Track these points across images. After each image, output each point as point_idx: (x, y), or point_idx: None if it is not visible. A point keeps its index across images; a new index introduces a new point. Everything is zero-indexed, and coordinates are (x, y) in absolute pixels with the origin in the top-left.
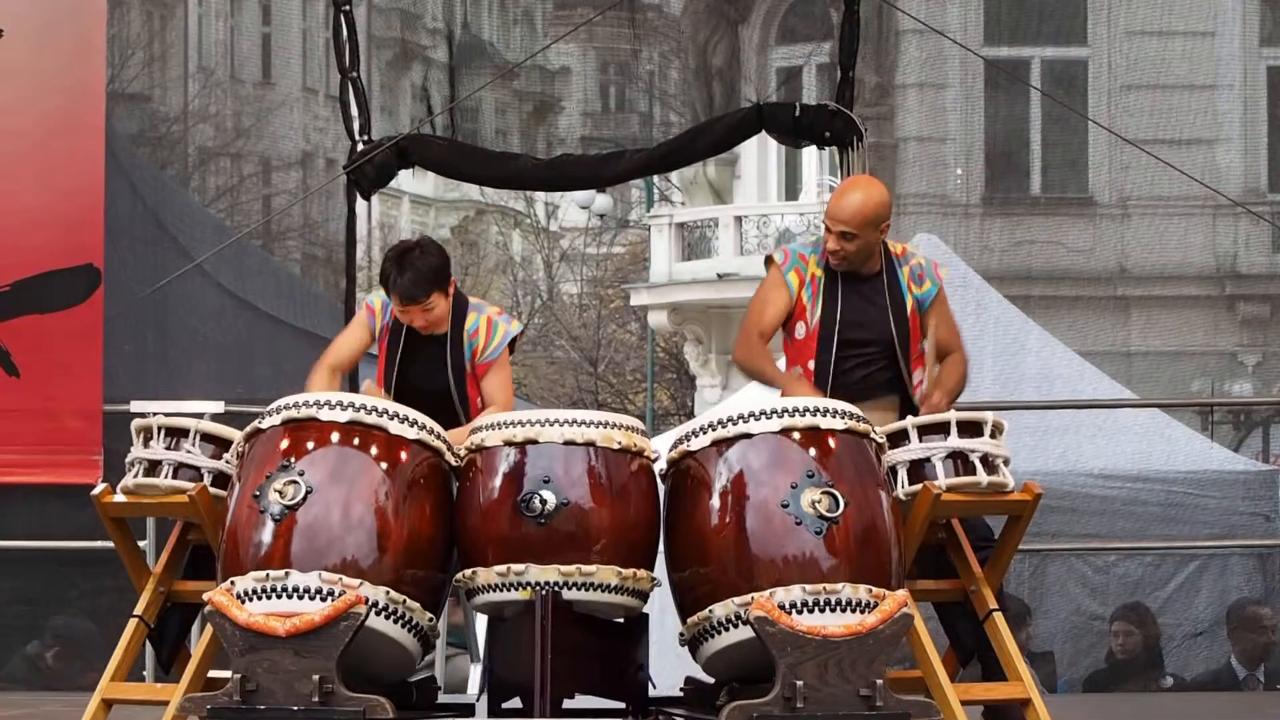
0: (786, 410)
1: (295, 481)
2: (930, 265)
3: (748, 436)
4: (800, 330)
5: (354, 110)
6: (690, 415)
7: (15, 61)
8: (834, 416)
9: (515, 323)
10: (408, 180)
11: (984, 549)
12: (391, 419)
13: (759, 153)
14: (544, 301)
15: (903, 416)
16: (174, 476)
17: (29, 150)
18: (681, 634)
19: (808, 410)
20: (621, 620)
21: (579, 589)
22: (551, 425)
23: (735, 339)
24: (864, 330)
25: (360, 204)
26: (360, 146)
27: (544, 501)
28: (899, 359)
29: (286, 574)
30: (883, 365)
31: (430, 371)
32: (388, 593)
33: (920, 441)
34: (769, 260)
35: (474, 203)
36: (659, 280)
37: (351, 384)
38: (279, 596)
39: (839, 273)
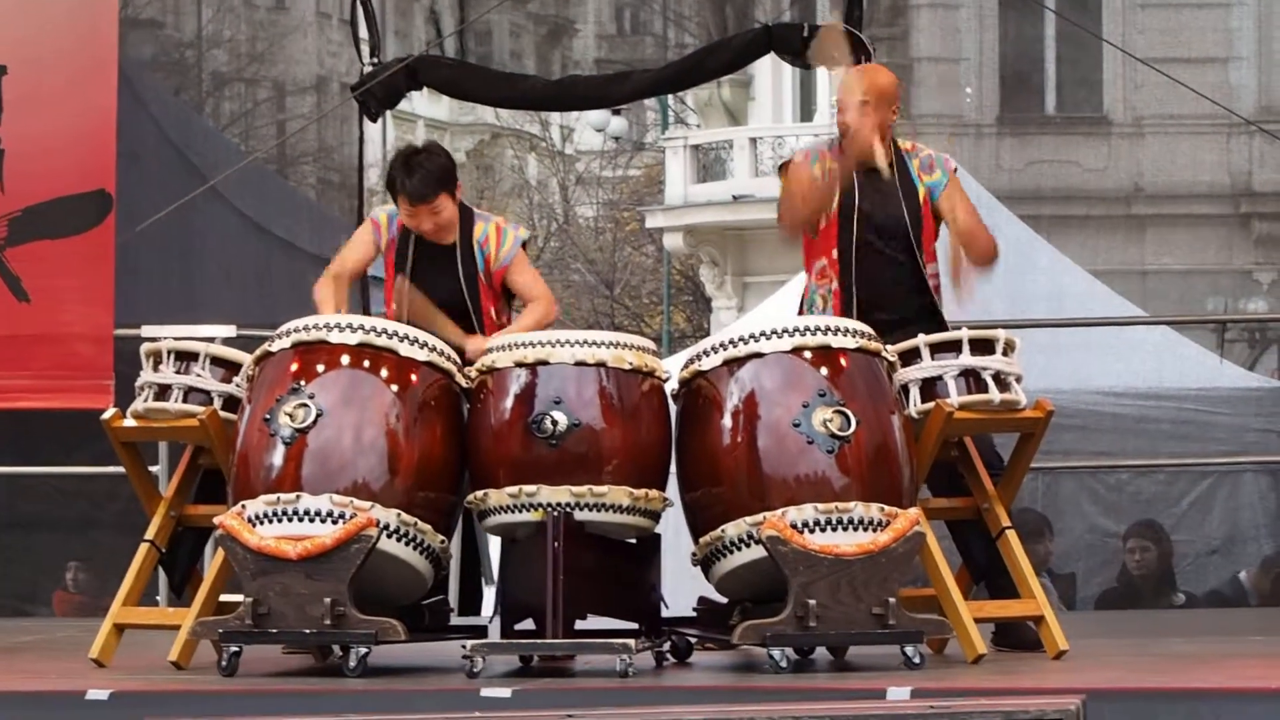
0: (798, 329)
1: (305, 405)
2: (941, 158)
3: (759, 356)
4: (821, 221)
5: (364, 33)
6: (706, 337)
7: None
8: (845, 335)
9: (523, 229)
10: (423, 104)
11: (994, 475)
12: (401, 341)
13: (773, 74)
14: (560, 225)
15: (919, 308)
16: (184, 400)
17: (41, 77)
18: (694, 554)
19: (819, 329)
20: (634, 541)
21: (591, 510)
22: (562, 346)
23: (779, 217)
24: (881, 219)
25: (374, 128)
26: (370, 69)
27: (555, 422)
28: (914, 248)
29: (297, 497)
30: (900, 255)
31: (441, 282)
32: (399, 515)
33: (932, 359)
34: (784, 167)
35: (489, 126)
36: (674, 203)
37: (363, 296)
38: (290, 520)
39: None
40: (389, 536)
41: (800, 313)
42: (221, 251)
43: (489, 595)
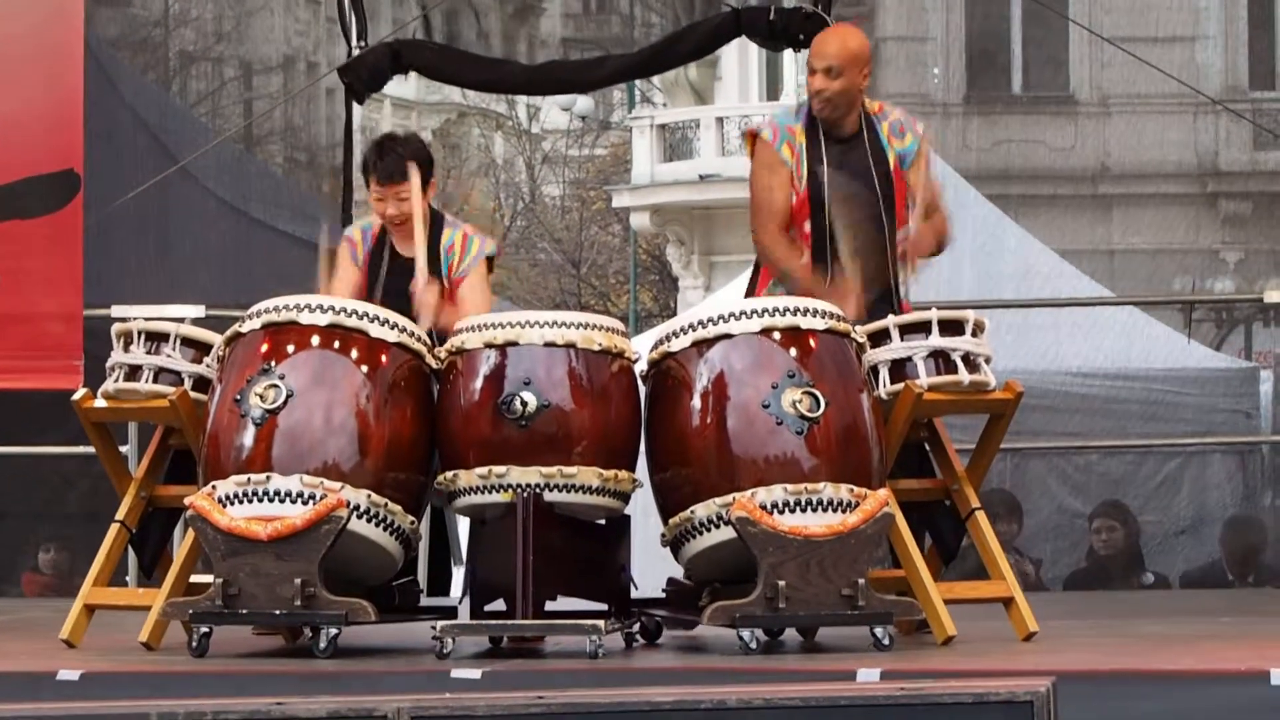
0: (767, 310)
1: (276, 385)
2: (910, 120)
3: (728, 337)
4: (791, 199)
5: (351, 17)
6: (673, 316)
7: None
8: (814, 316)
9: (491, 242)
10: (390, 83)
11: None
12: (372, 322)
13: (740, 54)
14: (526, 204)
15: (886, 277)
16: (154, 381)
17: (7, 55)
18: (663, 535)
19: (788, 310)
20: (603, 522)
21: (560, 491)
22: (532, 327)
23: (752, 224)
24: (853, 192)
25: (339, 105)
26: (357, 53)
27: (525, 403)
28: (883, 215)
29: (268, 478)
30: (871, 227)
31: (407, 292)
32: (369, 496)
33: (901, 340)
34: (752, 136)
35: (456, 105)
36: (641, 182)
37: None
38: (260, 500)
39: (821, 133)
40: (359, 517)
41: (763, 278)
42: (193, 231)
43: (458, 576)
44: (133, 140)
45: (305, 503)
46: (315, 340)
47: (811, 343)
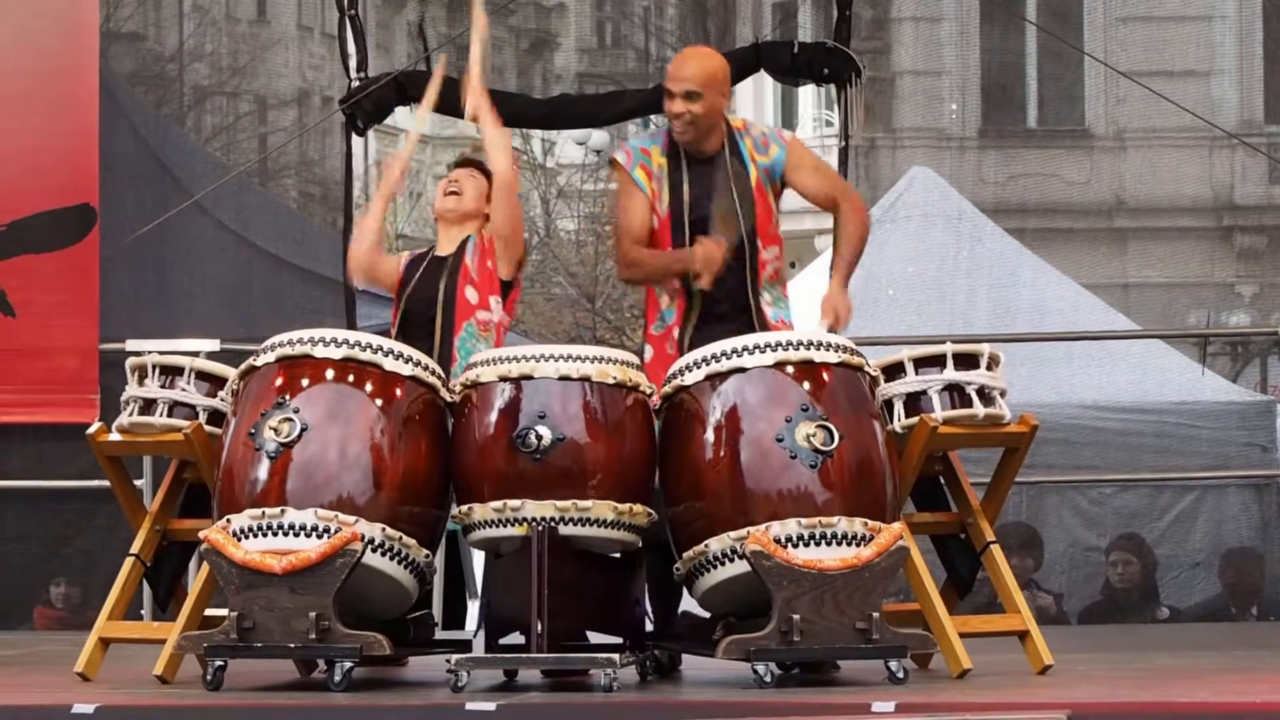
0: (780, 344)
1: (290, 419)
2: (774, 131)
3: (742, 370)
4: (654, 222)
5: (351, 48)
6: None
7: (9, 1)
8: (828, 350)
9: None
10: (405, 117)
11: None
12: (386, 355)
13: (755, 87)
14: (541, 238)
15: (742, 301)
16: (169, 415)
17: (23, 90)
18: (677, 568)
19: (801, 344)
20: (618, 555)
21: (575, 524)
22: (546, 361)
23: (616, 249)
24: (711, 212)
25: (357, 141)
26: (356, 84)
27: (540, 437)
28: (743, 235)
29: (282, 511)
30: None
31: (426, 289)
32: (384, 530)
33: (916, 374)
34: (613, 164)
35: (471, 139)
36: None
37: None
38: (275, 534)
39: (682, 156)
40: (373, 551)
41: (650, 308)
42: (203, 265)
43: (473, 610)
44: (146, 175)
45: (320, 536)
46: (330, 374)
47: (825, 376)
